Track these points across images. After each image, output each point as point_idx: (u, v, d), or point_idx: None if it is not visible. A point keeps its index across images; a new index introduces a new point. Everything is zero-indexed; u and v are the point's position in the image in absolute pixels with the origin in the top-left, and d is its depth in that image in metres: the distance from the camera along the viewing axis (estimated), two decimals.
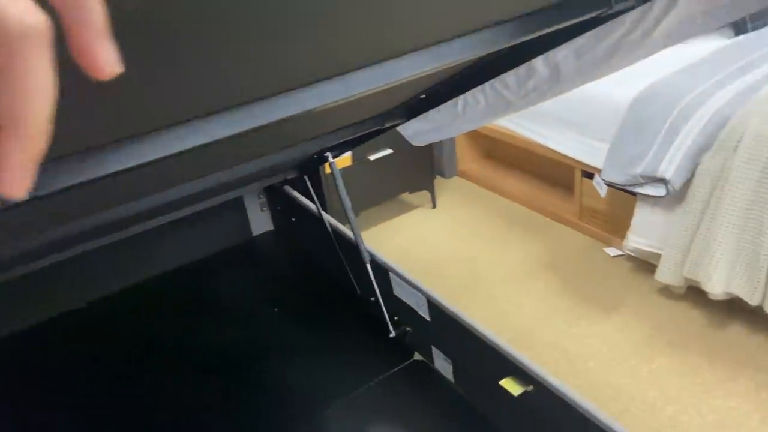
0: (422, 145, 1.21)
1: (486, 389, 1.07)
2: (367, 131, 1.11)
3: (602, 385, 1.50)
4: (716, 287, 1.52)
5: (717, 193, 1.51)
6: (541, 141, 2.12)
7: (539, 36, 0.64)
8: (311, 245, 1.71)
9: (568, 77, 0.83)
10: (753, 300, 1.48)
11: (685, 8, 0.69)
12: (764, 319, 1.58)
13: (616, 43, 0.75)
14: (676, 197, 1.64)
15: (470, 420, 1.14)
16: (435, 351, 1.26)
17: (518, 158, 2.51)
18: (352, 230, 1.35)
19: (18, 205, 0.56)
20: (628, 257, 1.92)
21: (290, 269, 1.74)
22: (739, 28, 2.10)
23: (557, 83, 0.85)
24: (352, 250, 1.38)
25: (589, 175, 1.99)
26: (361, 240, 1.33)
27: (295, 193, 1.68)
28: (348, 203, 1.33)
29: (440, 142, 2.54)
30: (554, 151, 2.07)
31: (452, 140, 2.56)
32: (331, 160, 1.33)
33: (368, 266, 1.33)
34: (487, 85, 0.93)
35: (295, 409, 1.20)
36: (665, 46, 0.74)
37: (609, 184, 1.81)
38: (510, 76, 0.88)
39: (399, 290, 1.28)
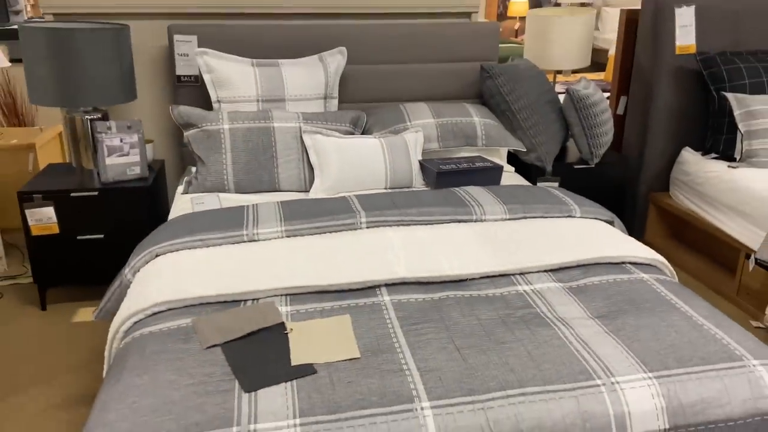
0: None
1: None
2: None
3: None
4: None
5: None
6: (716, 224, 2.60)
7: None
8: None
9: None
10: None
11: None
12: None
13: None
14: None
15: None
16: None
17: (694, 236, 2.97)
18: None
19: None
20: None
21: None
22: None
23: None
24: None
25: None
26: None
27: None
28: None
29: (632, 216, 3.11)
30: (726, 234, 2.54)
31: (644, 216, 3.09)
32: None
33: None
34: None
35: None
36: None
37: (760, 264, 2.25)
38: None
39: None
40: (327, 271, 1.60)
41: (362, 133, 2.50)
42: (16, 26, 4.47)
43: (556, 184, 2.64)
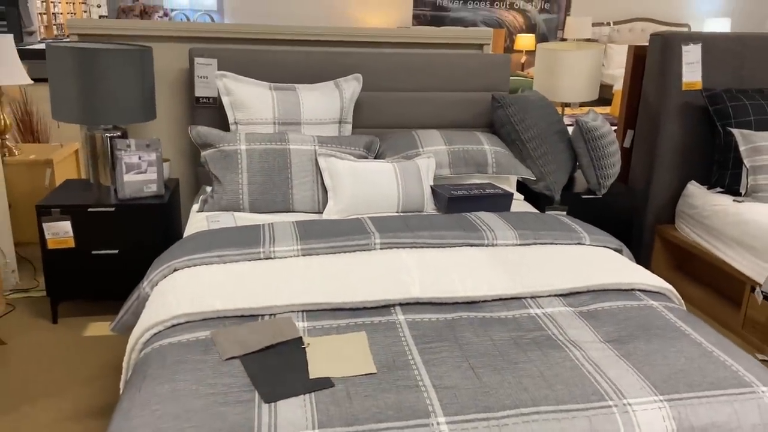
0: None
1: None
2: None
3: None
4: None
5: None
6: (722, 256, 2.63)
7: None
8: None
9: None
10: None
11: None
12: None
13: None
14: None
15: None
16: None
17: (699, 268, 2.99)
18: None
19: None
20: None
21: None
22: None
23: None
24: None
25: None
26: None
27: None
28: None
29: (638, 247, 3.14)
30: (731, 267, 2.57)
31: (650, 247, 3.13)
32: None
33: None
34: None
35: None
36: None
37: (766, 297, 2.27)
38: None
39: None
40: (342, 289, 1.63)
41: (375, 158, 2.56)
42: (31, 46, 4.57)
43: (564, 213, 2.68)
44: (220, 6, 7.03)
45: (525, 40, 7.63)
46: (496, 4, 7.67)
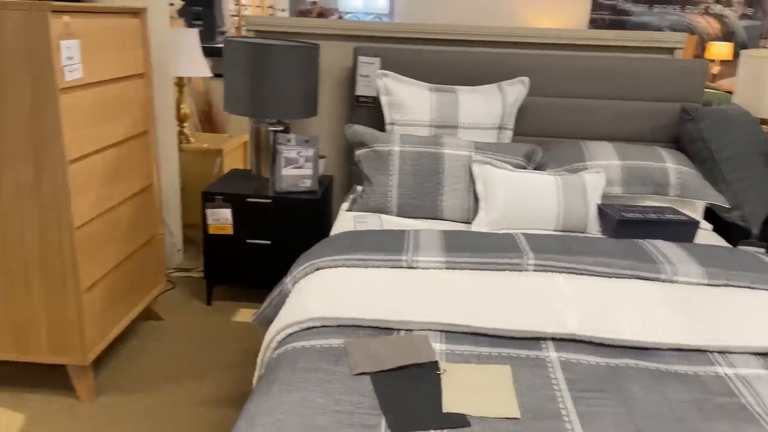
0: None
1: None
2: None
3: None
4: None
5: None
6: None
7: None
8: None
9: None
10: None
11: None
12: None
13: None
14: None
15: None
16: None
17: None
18: None
19: None
20: None
21: None
22: None
23: None
24: None
25: None
26: None
27: None
28: None
29: None
30: None
31: None
32: None
33: None
34: None
35: None
36: None
37: None
38: None
39: None
40: (488, 312, 1.47)
41: (535, 169, 2.35)
42: (218, 45, 4.96)
43: (764, 251, 2.25)
44: (392, 9, 7.15)
45: (719, 49, 6.77)
46: (688, 8, 6.90)
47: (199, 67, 3.10)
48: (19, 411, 1.88)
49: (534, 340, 1.42)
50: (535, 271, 1.70)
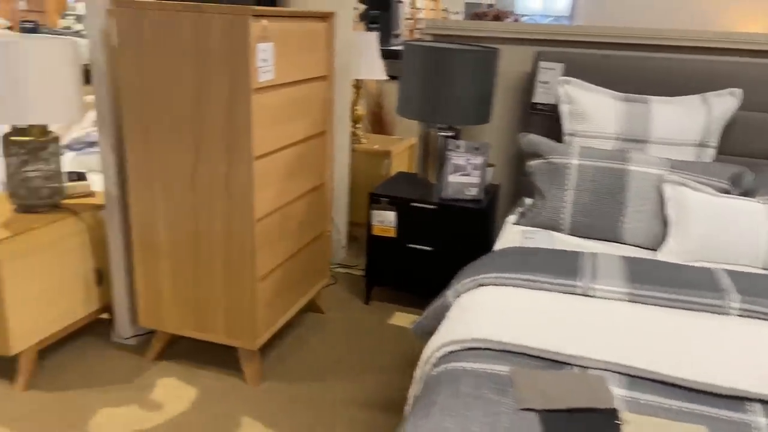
0: None
1: None
2: None
3: None
4: None
5: None
6: None
7: None
8: None
9: None
10: None
11: None
12: None
13: None
14: None
15: None
16: None
17: None
18: None
19: None
20: None
21: None
22: None
23: None
24: None
25: None
26: None
27: None
28: None
29: None
30: None
31: None
32: None
33: None
34: None
35: None
36: None
37: None
38: None
39: None
40: (680, 359, 1.28)
41: (742, 194, 2.03)
42: (396, 47, 5.07)
43: None
44: (573, 10, 6.79)
45: None
46: None
47: (377, 70, 3.17)
48: (191, 385, 2.05)
49: (737, 399, 1.21)
50: (740, 316, 1.45)
